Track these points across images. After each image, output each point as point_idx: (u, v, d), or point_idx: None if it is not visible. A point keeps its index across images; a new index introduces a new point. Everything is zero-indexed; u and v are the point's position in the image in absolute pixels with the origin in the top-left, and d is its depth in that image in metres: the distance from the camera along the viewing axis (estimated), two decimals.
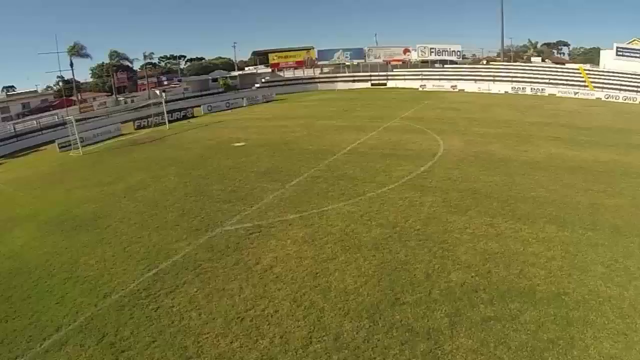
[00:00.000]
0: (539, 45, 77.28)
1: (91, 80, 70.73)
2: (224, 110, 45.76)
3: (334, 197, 14.30)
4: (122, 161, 23.42)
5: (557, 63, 63.21)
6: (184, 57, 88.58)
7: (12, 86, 64.68)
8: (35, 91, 59.76)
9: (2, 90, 62.04)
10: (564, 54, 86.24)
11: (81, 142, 28.70)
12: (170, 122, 37.65)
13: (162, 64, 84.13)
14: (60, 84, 61.64)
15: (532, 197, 13.50)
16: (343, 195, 14.35)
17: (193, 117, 41.24)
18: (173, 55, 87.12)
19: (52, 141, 30.41)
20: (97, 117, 40.63)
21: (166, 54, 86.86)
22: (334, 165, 18.45)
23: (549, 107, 37.11)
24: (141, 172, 20.04)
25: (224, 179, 17.51)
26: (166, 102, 45.55)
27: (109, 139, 32.36)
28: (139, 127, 36.63)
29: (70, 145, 28.18)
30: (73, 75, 56.40)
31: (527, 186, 14.59)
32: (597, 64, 54.42)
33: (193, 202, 14.86)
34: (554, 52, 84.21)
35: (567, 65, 55.94)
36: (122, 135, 33.74)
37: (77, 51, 52.70)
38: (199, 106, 45.04)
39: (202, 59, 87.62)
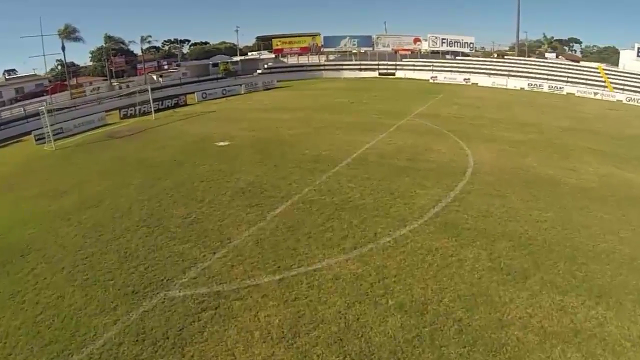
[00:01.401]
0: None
1: (91, 64, 66.81)
2: (220, 97, 42.08)
3: (332, 242, 10.32)
4: (89, 162, 19.89)
5: (572, 60, 59.07)
6: (188, 41, 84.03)
7: (14, 69, 60.73)
8: (34, 75, 55.98)
9: (3, 74, 58.06)
10: (575, 51, 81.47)
11: (60, 133, 25.58)
12: (160, 110, 34.18)
13: (166, 47, 79.76)
14: (59, 67, 57.86)
15: (604, 252, 9.78)
16: (345, 240, 10.37)
17: (185, 105, 37.44)
18: (177, 39, 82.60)
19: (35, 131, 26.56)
20: (77, 105, 36.96)
21: (170, 38, 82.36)
22: (335, 183, 14.61)
23: (573, 109, 33.59)
24: (102, 179, 16.66)
25: (190, 198, 13.80)
26: (160, 88, 42.18)
27: (91, 129, 28.74)
28: (125, 117, 32.98)
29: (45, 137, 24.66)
30: (64, 58, 52.89)
31: (592, 231, 10.87)
32: (613, 63, 50.97)
33: (143, 236, 11.21)
34: (565, 49, 79.46)
35: (585, 64, 52.17)
36: (106, 125, 29.99)
37: (68, 34, 48.61)
38: (194, 93, 41.44)
39: (206, 43, 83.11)
